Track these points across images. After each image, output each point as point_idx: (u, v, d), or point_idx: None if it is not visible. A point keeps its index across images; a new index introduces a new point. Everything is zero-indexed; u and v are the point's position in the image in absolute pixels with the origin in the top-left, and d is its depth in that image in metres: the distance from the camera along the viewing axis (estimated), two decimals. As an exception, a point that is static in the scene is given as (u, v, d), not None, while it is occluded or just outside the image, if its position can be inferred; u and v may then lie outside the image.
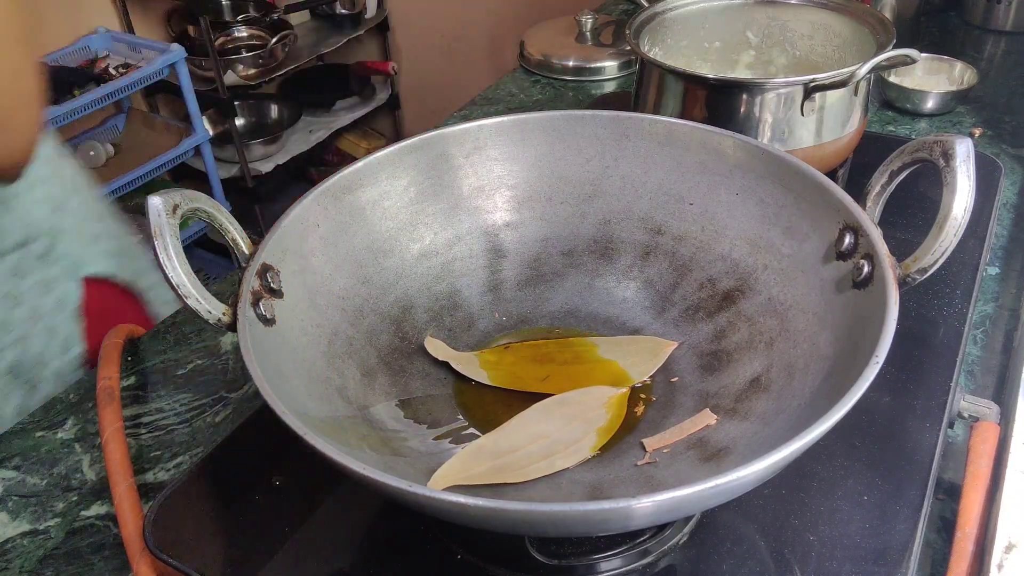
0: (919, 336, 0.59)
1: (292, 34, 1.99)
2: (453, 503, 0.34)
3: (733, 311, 0.54)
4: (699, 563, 0.46)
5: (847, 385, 0.38)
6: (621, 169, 0.60)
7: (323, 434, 0.38)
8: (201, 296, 0.45)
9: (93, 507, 0.55)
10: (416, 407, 0.53)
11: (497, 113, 0.63)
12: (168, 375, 0.65)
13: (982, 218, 0.69)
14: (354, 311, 0.54)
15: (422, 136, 0.59)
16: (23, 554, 0.52)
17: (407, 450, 0.49)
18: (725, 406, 0.50)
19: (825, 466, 0.50)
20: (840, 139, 0.72)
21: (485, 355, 0.56)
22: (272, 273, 0.49)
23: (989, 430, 0.50)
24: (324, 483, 0.51)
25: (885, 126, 0.91)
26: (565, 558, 0.45)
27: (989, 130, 0.88)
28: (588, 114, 0.60)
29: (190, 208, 0.46)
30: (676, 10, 0.83)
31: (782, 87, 0.69)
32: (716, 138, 0.56)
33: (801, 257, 0.51)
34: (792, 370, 0.48)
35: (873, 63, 0.65)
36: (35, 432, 0.61)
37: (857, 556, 0.45)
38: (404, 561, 0.47)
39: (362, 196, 0.56)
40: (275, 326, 0.47)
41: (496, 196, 0.61)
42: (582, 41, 1.13)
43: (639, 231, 0.60)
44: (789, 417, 0.45)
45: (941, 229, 0.43)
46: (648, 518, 0.38)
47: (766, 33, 0.84)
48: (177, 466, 0.57)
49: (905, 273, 0.44)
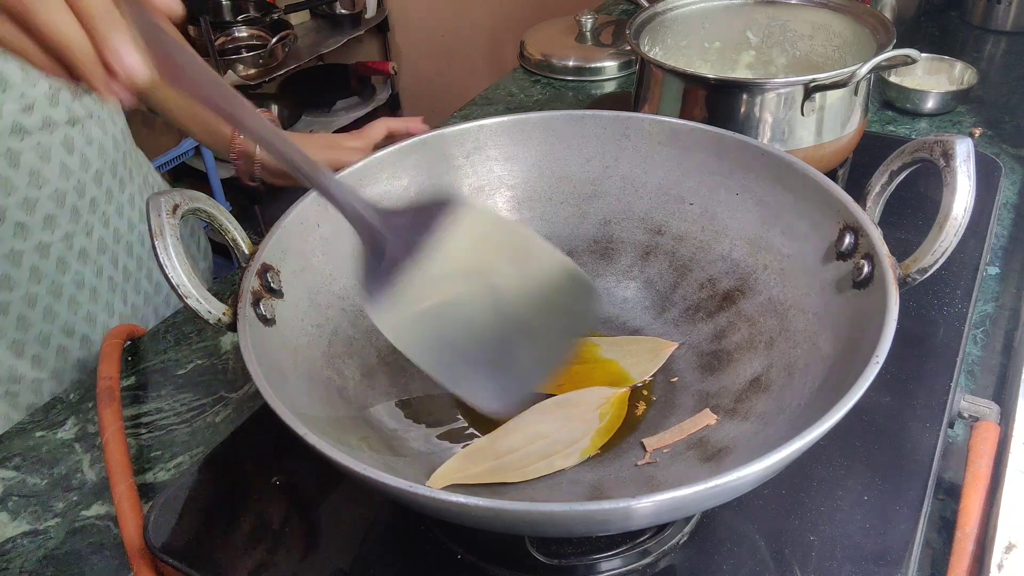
0: (919, 336, 0.59)
1: (292, 34, 1.99)
2: (453, 503, 0.34)
3: (733, 311, 0.54)
4: (699, 563, 0.46)
5: (847, 385, 0.38)
6: (621, 169, 0.60)
7: (323, 434, 0.38)
8: (201, 296, 0.45)
9: (93, 507, 0.55)
10: (416, 407, 0.53)
11: (497, 113, 0.63)
12: (168, 375, 0.65)
13: (982, 218, 0.69)
14: (354, 311, 0.54)
15: (422, 136, 0.59)
16: (23, 554, 0.52)
17: (407, 450, 0.49)
18: (725, 406, 0.50)
19: (825, 466, 0.50)
20: (840, 139, 0.72)
21: None
22: (272, 273, 0.49)
23: (989, 430, 0.50)
24: (324, 483, 0.51)
25: (885, 126, 0.91)
26: (565, 558, 0.45)
27: (989, 130, 0.88)
28: (588, 114, 0.60)
29: (190, 208, 0.46)
30: (676, 10, 0.83)
31: (782, 87, 0.69)
32: (716, 138, 0.56)
33: (801, 257, 0.51)
34: (792, 370, 0.48)
35: (873, 63, 0.65)
36: (35, 432, 0.61)
37: (857, 556, 0.45)
38: (404, 561, 0.47)
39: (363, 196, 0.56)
40: (275, 326, 0.47)
41: (496, 196, 0.61)
42: (582, 41, 1.13)
43: (639, 231, 0.60)
44: (789, 417, 0.45)
45: (941, 229, 0.43)
46: (648, 518, 0.38)
47: (766, 33, 0.84)
48: (177, 466, 0.57)
49: (905, 273, 0.44)
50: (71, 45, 0.33)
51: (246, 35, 2.04)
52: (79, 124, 0.68)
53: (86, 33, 0.33)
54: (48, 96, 0.64)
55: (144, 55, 0.35)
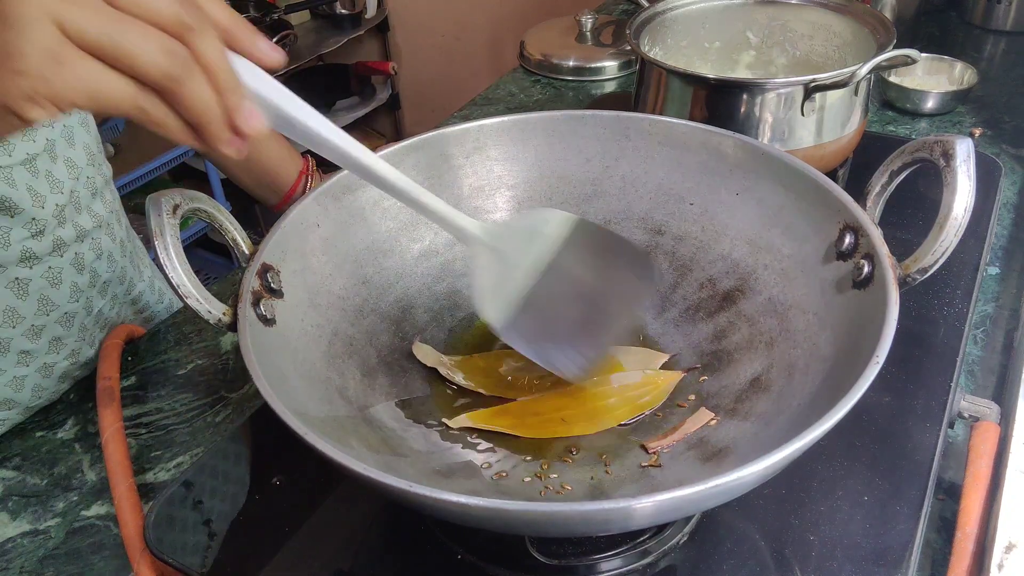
0: (919, 336, 0.59)
1: (292, 34, 1.99)
2: (454, 503, 0.34)
3: (733, 311, 0.54)
4: (699, 563, 0.46)
5: (847, 385, 0.38)
6: (621, 169, 0.60)
7: (323, 434, 0.38)
8: (201, 296, 0.45)
9: (93, 507, 0.55)
10: (416, 407, 0.53)
11: (497, 113, 0.63)
12: (168, 375, 0.65)
13: (982, 218, 0.69)
14: (354, 311, 0.54)
15: (423, 136, 0.59)
16: (23, 554, 0.52)
17: (407, 450, 0.49)
18: (725, 406, 0.50)
19: (825, 466, 0.50)
20: (840, 139, 0.72)
21: (475, 360, 0.56)
22: (272, 273, 0.49)
23: (989, 430, 0.50)
24: (324, 483, 0.51)
25: (885, 126, 0.91)
26: (565, 558, 0.45)
27: (989, 130, 0.88)
28: (588, 114, 0.60)
29: (190, 208, 0.46)
30: (676, 10, 0.83)
31: (782, 87, 0.69)
32: (716, 138, 0.56)
33: (801, 257, 0.51)
34: (792, 370, 0.48)
35: (873, 63, 0.65)
36: (35, 432, 0.61)
37: (857, 556, 0.45)
38: (404, 561, 0.47)
39: (362, 196, 0.56)
40: (275, 326, 0.47)
41: (496, 196, 0.61)
42: (582, 41, 1.13)
43: (639, 231, 0.60)
44: (789, 417, 0.45)
45: (941, 229, 0.43)
46: (649, 518, 0.38)
47: (766, 33, 0.84)
48: (177, 466, 0.57)
49: (905, 273, 0.44)
50: (209, 114, 0.35)
51: (246, 35, 2.03)
52: (87, 238, 0.64)
53: (216, 100, 0.35)
54: (56, 215, 0.60)
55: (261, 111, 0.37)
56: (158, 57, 0.33)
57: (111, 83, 0.33)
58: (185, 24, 0.34)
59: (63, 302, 0.62)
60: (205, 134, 0.36)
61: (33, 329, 0.61)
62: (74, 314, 0.64)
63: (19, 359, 0.61)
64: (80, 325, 0.65)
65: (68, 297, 0.63)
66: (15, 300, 0.60)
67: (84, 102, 0.33)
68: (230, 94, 0.36)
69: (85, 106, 0.33)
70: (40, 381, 0.63)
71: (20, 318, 0.60)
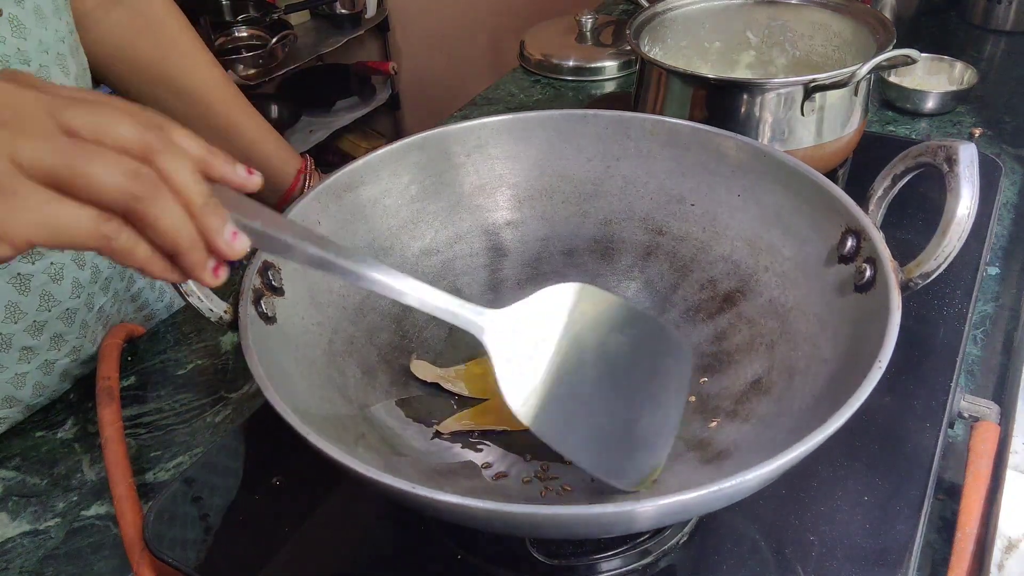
0: (919, 336, 0.59)
1: (292, 34, 1.99)
2: (455, 504, 0.34)
3: (734, 312, 0.54)
4: (699, 563, 0.46)
5: (850, 389, 0.38)
6: (622, 169, 0.60)
7: (324, 433, 0.38)
8: (202, 294, 0.45)
9: (93, 507, 0.54)
10: (416, 406, 0.53)
11: (497, 113, 0.63)
12: (168, 375, 0.65)
13: (982, 218, 0.69)
14: (355, 309, 0.54)
15: (424, 134, 0.58)
16: (23, 554, 0.52)
17: (407, 449, 0.49)
18: (726, 408, 0.50)
19: (825, 466, 0.50)
20: (840, 139, 0.72)
21: (472, 368, 0.55)
22: (273, 271, 0.48)
23: (989, 430, 0.50)
24: (324, 483, 0.51)
25: (885, 126, 0.91)
26: (565, 558, 0.45)
27: (989, 130, 0.88)
28: (590, 113, 0.60)
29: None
30: (676, 10, 0.83)
31: (782, 87, 0.69)
32: (717, 139, 0.56)
33: (802, 259, 0.51)
34: (793, 372, 0.48)
35: (873, 63, 0.65)
36: (35, 432, 0.61)
37: (857, 556, 0.45)
38: (404, 561, 0.47)
39: (363, 194, 0.56)
40: (276, 324, 0.47)
41: (497, 195, 0.61)
42: (582, 41, 1.13)
43: (640, 231, 0.60)
44: (790, 419, 0.45)
45: (944, 234, 0.43)
46: (651, 521, 0.38)
47: (766, 33, 0.84)
48: (177, 466, 0.57)
49: (908, 278, 0.44)
50: (182, 238, 0.32)
51: (246, 35, 2.03)
52: None
53: (190, 222, 0.32)
54: None
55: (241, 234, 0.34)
56: (118, 178, 0.30)
57: (69, 213, 0.30)
58: (151, 146, 0.31)
59: (64, 298, 0.62)
60: (182, 262, 0.33)
61: (35, 325, 0.61)
62: (75, 310, 0.64)
63: (21, 355, 0.61)
64: (81, 322, 0.65)
65: (70, 293, 0.63)
66: (17, 295, 0.59)
67: (42, 237, 0.30)
68: (207, 215, 0.32)
69: (44, 241, 0.31)
70: (41, 378, 0.63)
71: (22, 314, 0.60)
